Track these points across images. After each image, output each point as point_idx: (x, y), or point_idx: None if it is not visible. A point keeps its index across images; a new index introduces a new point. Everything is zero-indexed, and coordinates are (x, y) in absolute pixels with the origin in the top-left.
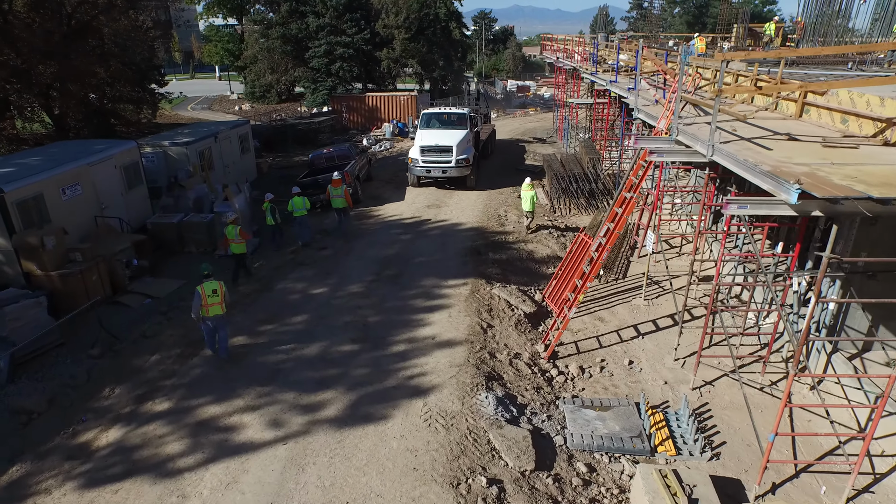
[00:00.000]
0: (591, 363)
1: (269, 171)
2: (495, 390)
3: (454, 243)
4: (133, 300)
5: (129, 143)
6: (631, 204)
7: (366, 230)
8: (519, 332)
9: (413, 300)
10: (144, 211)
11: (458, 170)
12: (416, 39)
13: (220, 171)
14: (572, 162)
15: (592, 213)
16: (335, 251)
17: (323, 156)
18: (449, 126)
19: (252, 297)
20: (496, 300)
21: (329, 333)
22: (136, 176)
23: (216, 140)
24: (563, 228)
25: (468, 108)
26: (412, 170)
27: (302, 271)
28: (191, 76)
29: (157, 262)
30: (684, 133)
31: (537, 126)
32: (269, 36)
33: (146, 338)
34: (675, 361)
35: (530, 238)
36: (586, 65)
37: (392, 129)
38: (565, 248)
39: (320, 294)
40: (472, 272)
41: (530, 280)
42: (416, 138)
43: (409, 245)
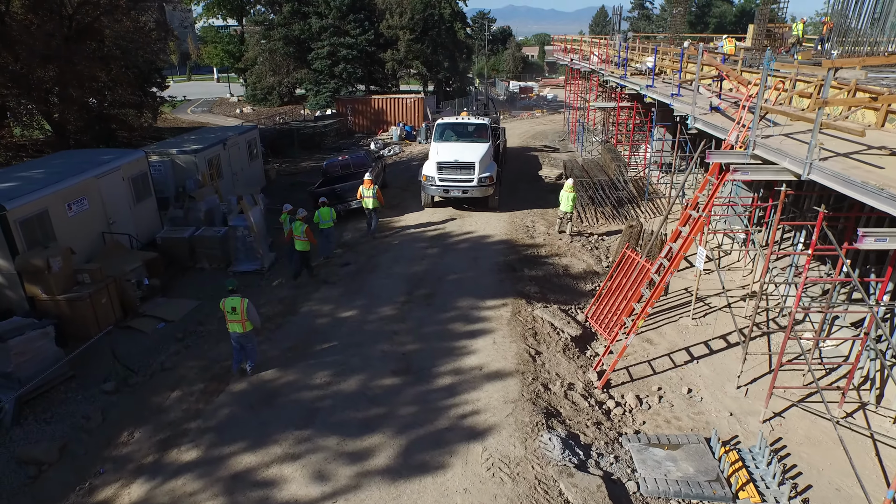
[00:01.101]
0: (648, 392)
1: (277, 178)
2: (557, 430)
3: (485, 258)
4: (146, 325)
5: (137, 153)
6: (699, 224)
7: (389, 244)
8: (568, 359)
9: (452, 324)
10: (154, 225)
11: (480, 189)
12: (421, 40)
13: (229, 179)
14: (595, 168)
15: (620, 221)
16: (359, 267)
17: (338, 163)
18: (468, 138)
19: (276, 321)
20: (539, 323)
21: (366, 365)
22: (145, 187)
23: (225, 147)
24: (596, 239)
25: (488, 117)
26: (426, 189)
27: (327, 291)
28: (188, 78)
29: (169, 279)
30: (765, 147)
31: (546, 129)
32: (271, 37)
33: (164, 370)
34: (737, 389)
35: (564, 251)
36: (608, 67)
37: (399, 132)
38: (600, 262)
39: (350, 318)
40: (509, 291)
41: (570, 298)
42: (432, 152)
43: (437, 260)
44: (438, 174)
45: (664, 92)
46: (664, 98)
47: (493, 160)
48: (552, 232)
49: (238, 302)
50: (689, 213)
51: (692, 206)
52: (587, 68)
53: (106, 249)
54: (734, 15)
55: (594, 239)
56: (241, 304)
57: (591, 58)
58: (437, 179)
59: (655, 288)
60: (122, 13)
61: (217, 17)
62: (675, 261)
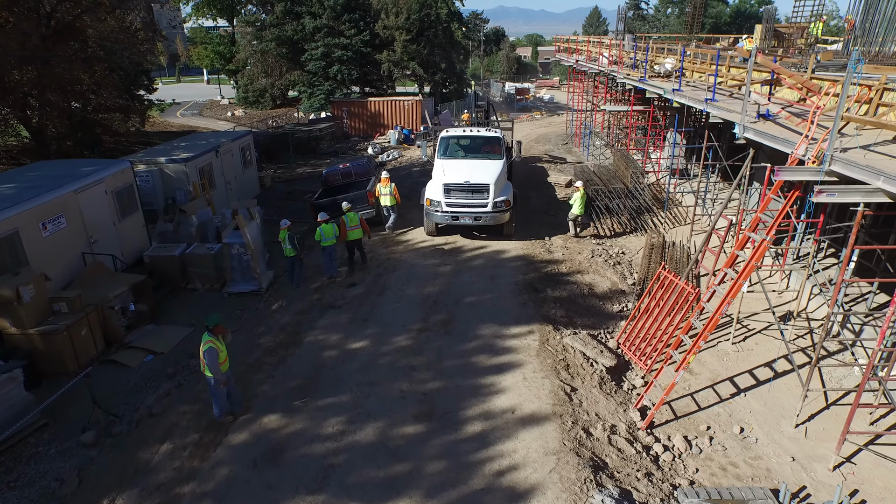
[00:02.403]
0: (696, 432)
1: (272, 186)
2: (607, 487)
3: (503, 276)
4: (132, 358)
5: (122, 163)
6: (762, 249)
7: (398, 260)
8: (606, 395)
9: (475, 356)
10: (141, 242)
11: (495, 216)
12: (417, 41)
13: (222, 188)
14: (610, 176)
15: (640, 232)
16: (367, 288)
17: (338, 172)
18: (477, 154)
19: (278, 354)
20: (571, 353)
21: (384, 408)
22: (131, 201)
23: (217, 154)
24: (617, 253)
25: (497, 128)
26: (430, 215)
27: (333, 316)
28: (177, 79)
29: (159, 302)
30: (847, 163)
31: (548, 132)
32: (263, 38)
33: (153, 416)
34: (795, 429)
35: (585, 267)
36: (621, 69)
37: (397, 136)
38: (625, 280)
39: (361, 350)
40: (534, 315)
41: (598, 322)
42: (436, 171)
43: (452, 280)
44: (445, 198)
45: (695, 96)
46: (696, 104)
47: (508, 178)
48: (570, 245)
49: (220, 344)
50: (748, 235)
51: (752, 228)
52: (595, 70)
53: (87, 273)
54: (729, 15)
55: (614, 252)
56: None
57: (600, 59)
58: (444, 205)
59: (710, 320)
60: (105, 12)
61: (207, 17)
62: (733, 290)
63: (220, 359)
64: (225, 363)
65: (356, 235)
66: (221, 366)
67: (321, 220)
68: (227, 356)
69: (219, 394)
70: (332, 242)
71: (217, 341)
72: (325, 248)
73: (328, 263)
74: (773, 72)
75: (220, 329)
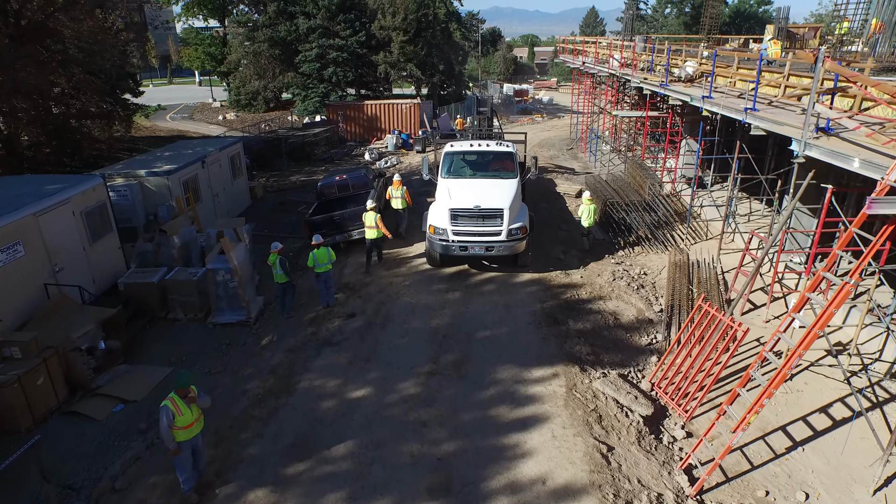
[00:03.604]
0: (753, 498)
1: (263, 197)
2: None
3: (519, 305)
4: (98, 408)
5: (93, 180)
6: (844, 294)
7: (400, 285)
8: (646, 453)
9: (495, 408)
10: (116, 266)
11: (510, 246)
12: (415, 42)
13: (209, 201)
14: (625, 187)
15: (660, 249)
16: (367, 320)
17: (334, 184)
18: (487, 172)
19: (267, 404)
20: (602, 400)
21: (392, 478)
22: (104, 222)
23: (203, 165)
24: (639, 273)
25: (506, 139)
26: (433, 244)
27: (330, 356)
28: (168, 81)
29: (134, 336)
30: None
31: (551, 136)
32: (255, 39)
33: (117, 491)
34: (872, 497)
35: (607, 292)
36: (635, 72)
37: (395, 140)
38: (651, 306)
39: (363, 400)
40: (557, 354)
41: (626, 358)
42: (440, 193)
43: (461, 308)
44: (452, 225)
45: (730, 105)
46: (733, 114)
47: (523, 200)
48: (589, 265)
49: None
50: (821, 275)
51: (828, 266)
52: (604, 72)
53: (49, 307)
54: (728, 16)
55: (636, 273)
56: (194, 389)
57: (611, 62)
58: (451, 233)
59: (777, 375)
60: (84, 11)
61: (197, 17)
62: (805, 342)
63: (179, 423)
64: (190, 429)
65: (372, 235)
66: (179, 431)
67: (315, 243)
68: (195, 421)
69: (180, 463)
70: (327, 269)
71: (179, 401)
72: (319, 274)
73: (324, 292)
74: (839, 78)
75: (184, 392)
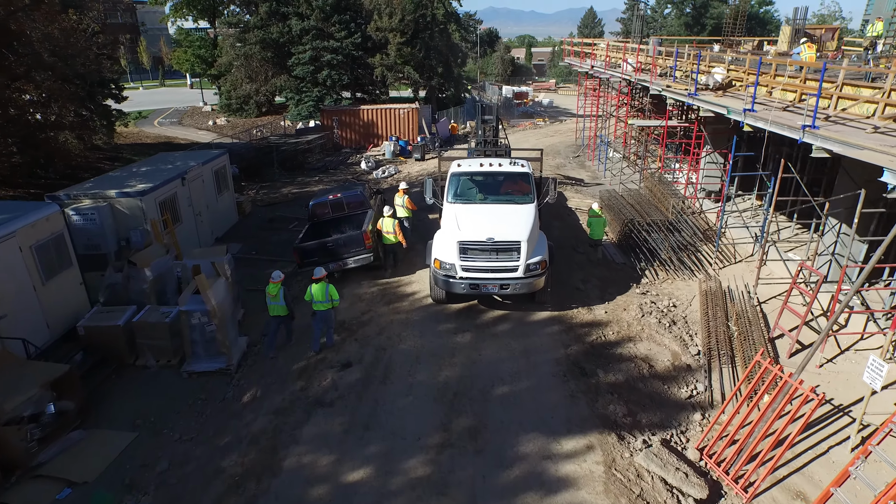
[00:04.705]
0: None
1: (252, 212)
2: None
3: (539, 351)
4: (37, 497)
5: (47, 208)
6: None
7: (403, 322)
8: None
9: (522, 495)
10: (76, 304)
11: (527, 283)
12: (412, 43)
13: (190, 221)
14: (645, 204)
15: (687, 275)
16: (366, 371)
17: (328, 203)
18: (499, 196)
19: (246, 489)
20: (648, 481)
21: None
22: (61, 256)
23: (184, 182)
24: (668, 305)
25: (518, 156)
26: (438, 280)
27: (322, 420)
28: (160, 83)
29: (95, 389)
30: None
31: (556, 142)
32: (246, 41)
33: None
34: None
35: (636, 331)
36: (654, 78)
37: (393, 147)
38: (686, 346)
39: (362, 484)
40: (588, 417)
41: (666, 416)
42: (447, 221)
43: (473, 355)
44: (461, 260)
45: (782, 121)
46: (788, 131)
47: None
48: (614, 300)
49: None
50: None
51: None
52: (617, 77)
53: None
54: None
55: (664, 305)
56: None
57: (624, 66)
58: (460, 269)
59: None
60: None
61: (186, 18)
62: None
63: None
64: None
65: (391, 241)
66: None
67: (316, 277)
68: None
69: None
70: (325, 307)
71: None
72: (317, 312)
73: (317, 332)
74: None
75: None
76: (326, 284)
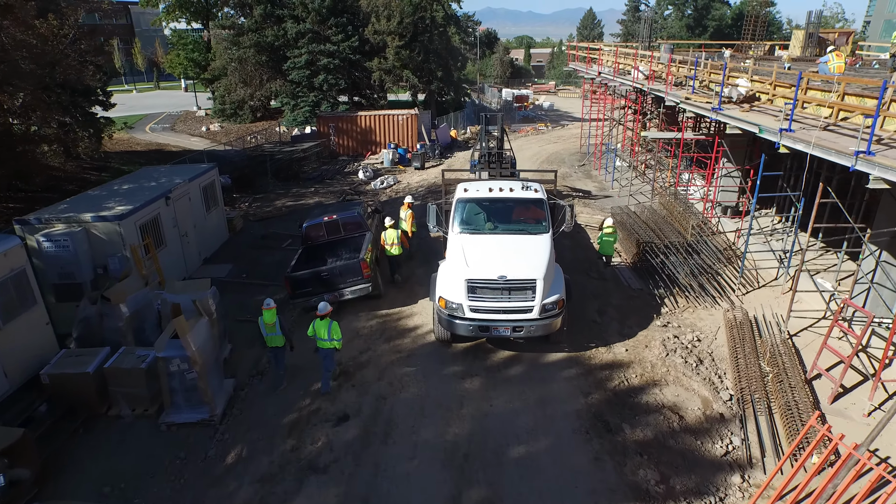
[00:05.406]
0: None
1: (243, 228)
2: None
3: (556, 400)
4: None
5: (7, 242)
6: None
7: (404, 365)
8: None
9: None
10: (41, 347)
11: (543, 325)
12: (411, 47)
13: (175, 244)
14: (661, 223)
15: (709, 302)
16: (364, 426)
17: (322, 225)
18: (510, 225)
19: None
20: None
21: None
22: (22, 294)
23: (168, 202)
24: (691, 339)
25: (530, 179)
26: (443, 321)
27: (315, 492)
28: (155, 85)
29: (60, 448)
30: None
31: (559, 150)
32: (241, 44)
33: None
34: None
35: (660, 373)
36: (670, 88)
37: (391, 156)
38: (715, 389)
39: None
40: (617, 486)
41: (702, 479)
42: (453, 253)
43: (484, 406)
44: (469, 300)
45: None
46: (839, 158)
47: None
48: (634, 336)
49: None
50: None
51: None
52: (627, 85)
53: None
54: (730, 17)
55: (688, 340)
56: None
57: (635, 74)
58: (467, 309)
59: None
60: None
61: (179, 20)
62: None
63: None
64: None
65: (395, 252)
66: None
67: (321, 314)
68: None
69: None
70: (328, 346)
71: None
72: (320, 350)
73: (327, 366)
74: None
75: None
76: (330, 321)
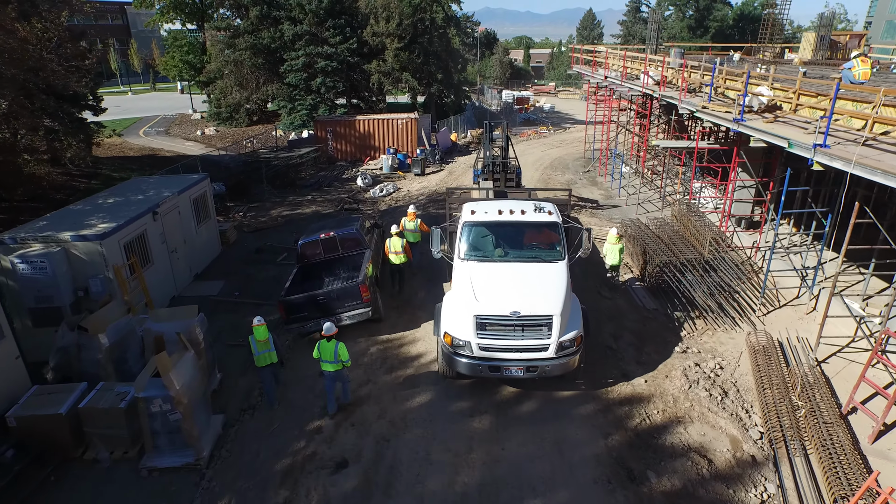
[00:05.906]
0: None
1: (237, 240)
2: None
3: (573, 442)
4: None
5: None
6: None
7: (407, 401)
8: None
9: None
10: (11, 384)
11: (560, 365)
12: (410, 49)
13: (163, 261)
14: (675, 237)
15: (729, 324)
16: (364, 474)
17: (319, 243)
18: (522, 252)
19: None
20: None
21: None
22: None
23: (155, 217)
24: (714, 366)
25: (544, 199)
26: (451, 361)
27: None
28: (151, 87)
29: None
30: None
31: (563, 154)
32: (237, 46)
33: None
34: None
35: (684, 409)
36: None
37: (391, 161)
38: (744, 427)
39: None
40: None
41: None
42: (459, 285)
43: (495, 450)
44: (478, 337)
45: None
46: (884, 178)
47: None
48: (654, 365)
49: None
50: None
51: None
52: (637, 91)
53: None
54: (732, 18)
55: (710, 368)
56: None
57: (645, 79)
58: (475, 347)
59: None
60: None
61: (174, 22)
62: None
63: None
64: None
65: (399, 261)
66: None
67: (326, 335)
68: None
69: None
70: (335, 368)
71: None
72: (325, 373)
73: (331, 394)
74: None
75: None
76: (336, 343)
